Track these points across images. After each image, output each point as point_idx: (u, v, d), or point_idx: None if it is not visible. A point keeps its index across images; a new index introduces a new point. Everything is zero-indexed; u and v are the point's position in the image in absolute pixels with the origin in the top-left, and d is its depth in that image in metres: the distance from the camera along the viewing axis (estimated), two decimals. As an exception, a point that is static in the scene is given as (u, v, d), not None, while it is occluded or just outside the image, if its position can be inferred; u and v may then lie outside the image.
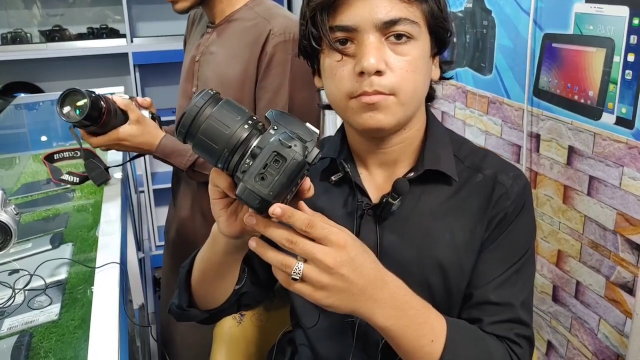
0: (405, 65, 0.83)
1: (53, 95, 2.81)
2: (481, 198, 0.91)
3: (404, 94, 0.84)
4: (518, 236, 0.91)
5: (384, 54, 0.82)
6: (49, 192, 1.55)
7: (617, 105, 1.16)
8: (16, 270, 1.10)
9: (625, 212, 1.17)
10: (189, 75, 1.53)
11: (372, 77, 0.82)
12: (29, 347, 0.91)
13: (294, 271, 0.69)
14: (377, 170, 0.96)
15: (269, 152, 0.66)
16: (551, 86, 1.34)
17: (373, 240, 0.92)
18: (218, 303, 1.00)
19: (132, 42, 3.25)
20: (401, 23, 0.82)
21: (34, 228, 1.32)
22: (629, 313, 1.18)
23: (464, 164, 0.94)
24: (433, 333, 0.81)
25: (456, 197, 0.92)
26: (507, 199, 0.90)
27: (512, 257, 0.90)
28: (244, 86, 1.41)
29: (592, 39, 1.20)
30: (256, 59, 1.39)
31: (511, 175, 0.92)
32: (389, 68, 0.82)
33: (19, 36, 3.21)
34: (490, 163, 0.94)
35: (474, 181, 0.93)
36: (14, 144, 2.21)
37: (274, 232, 0.69)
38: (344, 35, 0.83)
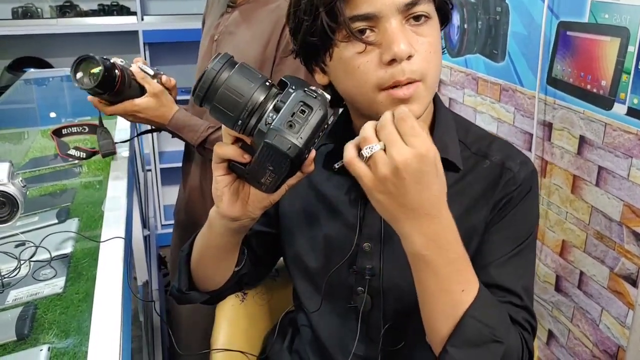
0: (428, 47, 0.80)
1: (62, 70, 2.81)
2: (488, 183, 0.90)
3: (431, 78, 0.81)
4: (521, 220, 0.91)
5: (410, 37, 0.79)
6: (57, 168, 1.55)
7: (629, 96, 1.15)
8: (22, 243, 1.11)
9: (632, 203, 1.16)
10: (207, 54, 1.52)
11: (403, 64, 0.78)
12: (34, 318, 0.92)
13: (368, 147, 0.70)
14: None
15: (295, 101, 0.68)
16: (564, 75, 1.33)
17: (377, 227, 0.92)
18: (218, 285, 1.01)
19: (142, 20, 3.24)
20: (421, 3, 0.78)
21: (41, 202, 1.33)
22: (631, 305, 1.18)
23: (471, 150, 0.93)
24: (466, 284, 0.79)
25: (461, 182, 0.91)
26: (513, 184, 0.89)
27: (514, 240, 0.90)
28: (263, 68, 1.40)
29: (607, 27, 1.19)
30: (276, 41, 1.38)
31: (518, 161, 0.91)
32: (416, 51, 0.79)
33: (30, 11, 3.20)
34: (498, 149, 0.93)
35: (480, 167, 0.92)
36: (22, 118, 2.21)
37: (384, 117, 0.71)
38: (365, 25, 0.78)
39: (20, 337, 0.88)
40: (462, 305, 0.78)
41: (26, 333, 0.88)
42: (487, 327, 0.79)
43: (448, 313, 0.79)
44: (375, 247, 0.92)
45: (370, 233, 0.92)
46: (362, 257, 0.93)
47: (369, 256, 0.93)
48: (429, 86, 0.82)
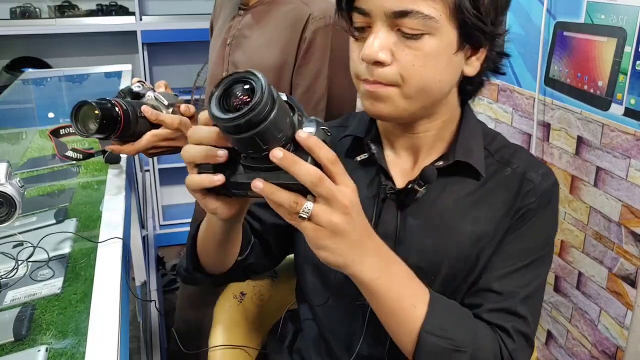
0: (412, 59, 0.80)
1: (61, 71, 2.81)
2: (508, 192, 0.90)
3: (409, 88, 0.81)
4: (536, 232, 0.90)
5: (392, 44, 0.80)
6: (55, 168, 1.55)
7: (626, 96, 1.15)
8: (20, 243, 1.11)
9: (630, 204, 1.16)
10: (219, 59, 1.48)
11: (372, 67, 0.81)
12: (31, 319, 0.92)
13: (304, 209, 0.69)
14: (404, 154, 0.95)
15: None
16: (562, 75, 1.33)
17: (393, 225, 0.91)
18: (222, 271, 1.01)
19: (141, 20, 3.24)
20: (412, 16, 0.77)
21: (38, 202, 1.32)
22: (630, 305, 1.18)
23: (494, 157, 0.93)
24: (415, 298, 0.81)
25: (482, 190, 0.91)
26: (533, 195, 0.89)
27: (526, 252, 0.89)
28: (282, 72, 1.36)
29: (604, 28, 1.19)
30: (295, 44, 1.34)
31: (540, 172, 0.91)
32: (395, 59, 0.80)
33: (28, 11, 3.20)
34: (520, 159, 0.93)
35: (501, 175, 0.92)
36: (20, 118, 2.21)
37: (302, 168, 0.67)
38: (362, 20, 0.82)
39: (18, 338, 0.87)
40: (417, 320, 0.80)
41: (24, 334, 0.88)
42: (444, 339, 0.80)
43: (407, 330, 0.81)
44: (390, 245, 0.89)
45: (385, 232, 0.91)
46: None
47: None
48: (408, 94, 0.82)
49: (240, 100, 0.65)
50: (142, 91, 1.30)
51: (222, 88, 0.66)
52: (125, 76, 2.42)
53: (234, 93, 0.66)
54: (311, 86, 1.35)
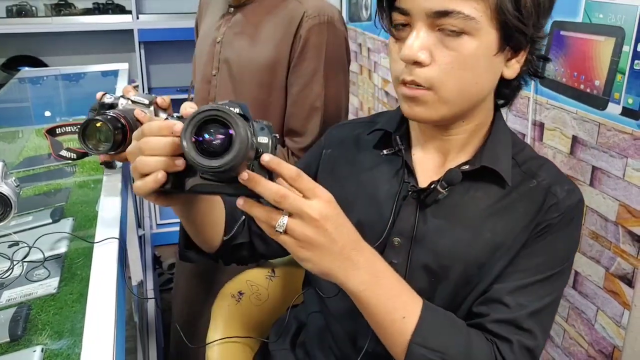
0: (451, 60, 0.79)
1: (57, 69, 2.80)
2: (531, 205, 0.89)
3: (445, 91, 0.81)
4: (556, 249, 0.89)
5: (431, 44, 0.79)
6: (51, 167, 1.55)
7: (623, 96, 1.15)
8: (16, 243, 1.10)
9: (627, 203, 1.16)
10: (209, 57, 1.47)
11: (412, 67, 0.80)
12: (27, 319, 0.92)
13: (279, 224, 0.71)
14: (432, 154, 0.95)
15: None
16: (557, 74, 1.33)
17: (411, 224, 0.91)
18: (211, 250, 1.02)
19: (137, 19, 3.23)
20: (453, 16, 0.77)
21: (34, 202, 1.32)
22: (627, 305, 1.18)
23: (521, 168, 0.92)
24: (405, 309, 0.81)
25: (505, 199, 0.90)
26: (556, 210, 0.88)
27: (542, 268, 0.88)
28: (276, 70, 1.36)
29: (602, 27, 1.19)
30: (289, 42, 1.34)
31: (566, 188, 0.90)
32: (434, 60, 0.80)
33: (24, 9, 3.19)
34: (547, 172, 0.92)
35: (526, 186, 0.90)
36: (17, 117, 2.20)
37: (265, 187, 0.69)
38: (402, 19, 0.81)
39: (14, 338, 0.87)
40: (407, 332, 0.80)
41: (19, 334, 0.88)
42: (434, 352, 0.80)
43: (398, 341, 0.82)
44: (405, 243, 0.92)
45: (402, 229, 0.92)
46: (389, 250, 0.93)
47: (397, 251, 0.92)
48: (443, 97, 0.82)
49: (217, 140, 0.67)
50: (114, 101, 1.31)
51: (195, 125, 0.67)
52: (122, 75, 2.41)
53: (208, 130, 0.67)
54: (307, 84, 1.35)
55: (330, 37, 1.34)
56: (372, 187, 0.96)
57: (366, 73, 2.69)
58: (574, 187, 0.92)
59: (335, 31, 1.35)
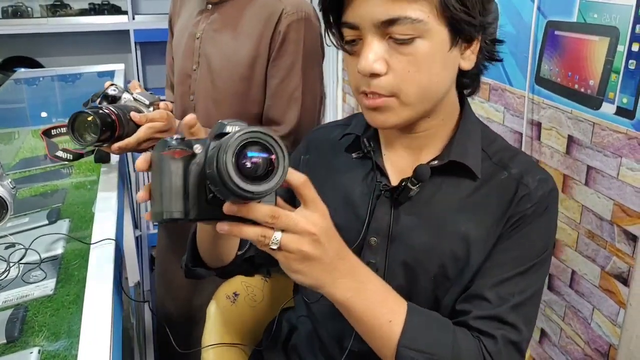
0: (407, 65, 0.80)
1: (53, 70, 2.80)
2: (502, 197, 0.89)
3: (406, 96, 0.82)
4: (532, 240, 0.89)
5: (385, 53, 0.80)
6: (47, 168, 1.54)
7: (618, 95, 1.15)
8: (12, 245, 1.10)
9: (622, 202, 1.17)
10: (188, 53, 1.51)
11: (369, 78, 0.81)
12: (24, 320, 0.92)
13: (272, 241, 0.71)
14: (402, 152, 0.95)
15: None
16: (552, 74, 1.34)
17: (387, 222, 0.92)
18: (223, 264, 1.01)
19: (133, 19, 3.23)
20: (401, 23, 0.77)
21: (31, 203, 1.32)
22: (622, 303, 1.19)
23: (492, 159, 0.92)
24: (391, 313, 0.81)
25: (477, 193, 0.90)
26: (528, 201, 0.88)
27: (521, 260, 0.88)
28: (255, 64, 1.41)
29: (596, 27, 1.20)
30: (269, 37, 1.39)
31: (537, 177, 0.90)
32: (391, 68, 0.80)
33: (20, 10, 3.19)
34: (519, 162, 0.92)
35: (498, 178, 0.90)
36: (13, 118, 2.20)
37: (256, 210, 0.68)
38: (352, 34, 0.82)
39: (10, 340, 0.87)
40: (394, 336, 0.80)
41: (16, 335, 0.88)
42: (422, 354, 0.80)
43: (386, 345, 0.82)
44: (382, 242, 0.92)
45: (377, 228, 0.92)
46: (367, 251, 0.93)
47: (374, 251, 0.93)
48: (405, 102, 0.83)
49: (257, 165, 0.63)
50: (117, 94, 1.32)
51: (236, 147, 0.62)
52: (118, 75, 2.41)
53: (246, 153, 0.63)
54: (286, 76, 1.41)
55: (308, 32, 1.41)
56: (346, 190, 0.97)
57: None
58: (547, 176, 0.91)
59: (312, 26, 1.42)
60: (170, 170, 0.68)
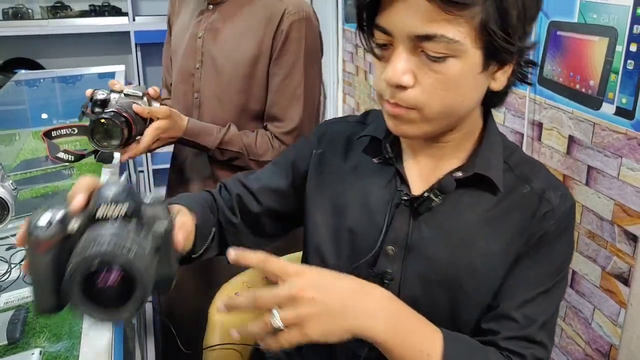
0: (435, 82, 0.77)
1: (54, 72, 2.80)
2: (524, 212, 0.87)
3: (429, 111, 0.79)
4: (555, 257, 0.88)
5: (414, 66, 0.77)
6: (48, 169, 1.55)
7: (617, 96, 1.15)
8: (13, 246, 1.11)
9: (622, 202, 1.17)
10: (190, 52, 1.53)
11: (394, 89, 0.79)
12: (25, 322, 0.92)
13: (274, 322, 0.73)
14: (424, 161, 0.92)
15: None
16: (554, 74, 1.34)
17: (404, 232, 0.89)
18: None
19: (134, 21, 3.24)
20: (437, 40, 0.73)
21: (32, 204, 1.32)
22: (623, 303, 1.19)
23: (514, 172, 0.90)
24: (428, 345, 0.80)
25: (498, 206, 0.88)
26: (551, 218, 0.86)
27: (544, 278, 0.87)
28: (257, 63, 1.44)
29: (596, 27, 1.20)
30: (271, 36, 1.43)
31: (559, 193, 0.88)
32: (418, 82, 0.78)
33: (20, 12, 3.19)
34: (540, 176, 0.90)
35: (519, 192, 0.88)
36: (13, 120, 2.20)
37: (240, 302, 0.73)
38: (384, 38, 0.79)
39: (12, 341, 0.87)
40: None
41: (17, 337, 0.88)
42: None
43: None
44: (399, 252, 0.90)
45: (395, 237, 0.90)
46: (383, 259, 0.91)
47: (391, 260, 0.90)
48: (426, 117, 0.80)
49: (111, 286, 0.57)
50: (106, 97, 1.32)
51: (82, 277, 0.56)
52: (118, 76, 2.42)
53: (96, 274, 0.56)
54: (289, 74, 1.45)
55: (309, 31, 1.45)
56: (363, 194, 0.95)
57: (362, 74, 2.69)
58: (566, 191, 0.90)
59: (312, 26, 1.46)
60: (35, 264, 0.61)
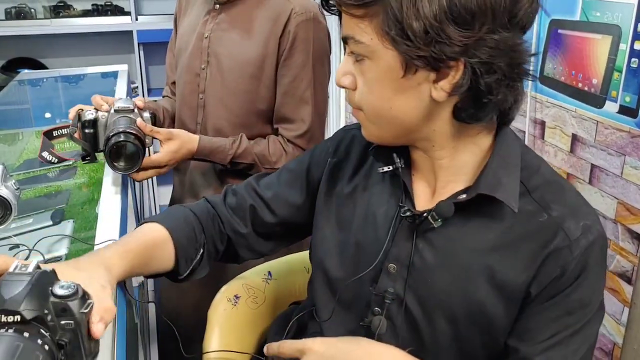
0: (362, 84, 0.80)
1: (56, 71, 2.81)
2: (537, 243, 0.79)
3: (367, 113, 0.82)
4: (579, 298, 0.79)
5: (352, 69, 0.80)
6: (51, 169, 1.55)
7: (621, 94, 1.15)
8: (16, 246, 1.11)
9: (626, 201, 1.16)
10: (196, 52, 1.52)
11: (347, 90, 0.83)
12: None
13: None
14: (429, 175, 0.87)
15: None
16: (556, 73, 1.33)
17: (407, 251, 0.85)
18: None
19: (136, 20, 3.24)
20: (351, 42, 0.77)
21: (35, 204, 1.32)
22: (626, 302, 1.19)
23: (532, 195, 0.81)
24: None
25: (509, 234, 0.80)
26: (568, 254, 0.77)
27: (569, 320, 0.79)
28: (264, 63, 1.43)
29: (599, 25, 1.19)
30: (277, 37, 1.42)
31: (581, 224, 0.78)
32: (357, 84, 0.81)
33: (23, 11, 3.19)
34: (563, 202, 0.80)
35: (535, 220, 0.79)
36: (17, 119, 2.20)
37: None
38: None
39: (15, 341, 0.87)
40: None
41: (20, 336, 0.88)
42: None
43: None
44: (401, 271, 0.86)
45: (397, 255, 0.87)
46: (385, 277, 0.88)
47: (393, 279, 0.87)
48: (369, 119, 0.82)
49: None
50: (95, 116, 1.32)
51: None
52: (121, 76, 2.42)
53: None
54: (298, 75, 1.43)
55: (316, 31, 1.43)
56: (370, 206, 0.92)
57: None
58: (593, 220, 0.80)
59: (320, 25, 1.45)
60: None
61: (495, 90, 0.74)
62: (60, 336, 0.63)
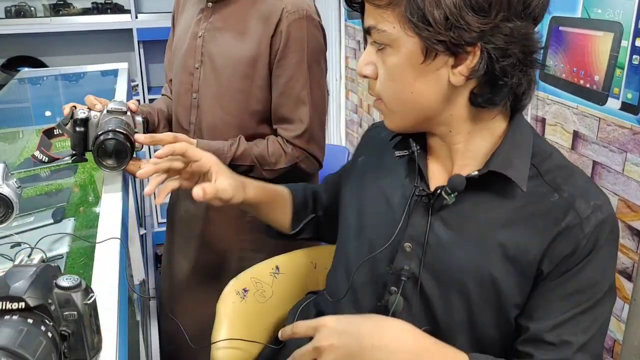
0: (384, 72, 0.84)
1: (57, 70, 2.81)
2: (548, 220, 0.82)
3: (388, 102, 0.86)
4: (590, 276, 0.82)
5: (374, 59, 0.85)
6: (52, 167, 1.55)
7: (623, 91, 1.15)
8: (18, 244, 1.11)
9: (627, 198, 1.17)
10: (190, 51, 1.52)
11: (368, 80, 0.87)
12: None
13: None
14: (443, 159, 0.92)
15: None
16: (557, 70, 1.33)
17: (422, 229, 0.89)
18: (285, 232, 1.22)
19: (136, 18, 3.23)
20: (374, 32, 0.82)
21: (36, 202, 1.32)
22: (627, 299, 1.19)
23: (543, 178, 0.85)
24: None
25: (521, 211, 0.84)
26: (579, 231, 0.81)
27: (579, 297, 0.82)
28: (257, 63, 1.42)
29: (600, 22, 1.19)
30: (269, 36, 1.40)
31: (592, 203, 0.81)
32: (378, 74, 0.85)
33: (23, 9, 3.19)
34: (573, 184, 0.84)
35: (547, 200, 0.83)
36: (17, 118, 2.21)
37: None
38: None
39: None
40: None
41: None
42: None
43: None
44: (417, 250, 0.89)
45: (413, 234, 0.90)
46: (401, 256, 0.91)
47: (409, 257, 0.90)
48: (390, 108, 0.86)
49: None
50: (87, 115, 1.31)
51: None
52: (121, 74, 2.42)
53: None
54: (293, 75, 1.41)
55: (310, 29, 1.41)
56: (388, 189, 0.96)
57: (365, 70, 2.68)
58: (604, 201, 0.83)
59: (314, 23, 1.43)
60: None
61: (510, 74, 0.79)
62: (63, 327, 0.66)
